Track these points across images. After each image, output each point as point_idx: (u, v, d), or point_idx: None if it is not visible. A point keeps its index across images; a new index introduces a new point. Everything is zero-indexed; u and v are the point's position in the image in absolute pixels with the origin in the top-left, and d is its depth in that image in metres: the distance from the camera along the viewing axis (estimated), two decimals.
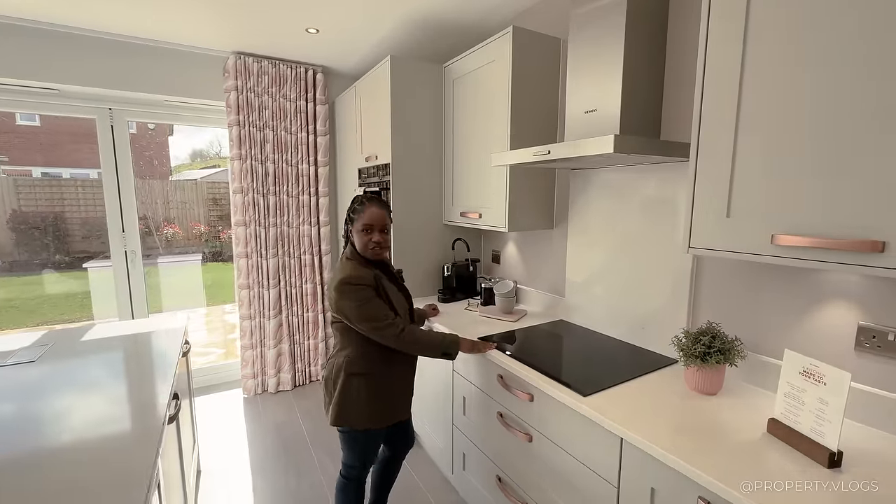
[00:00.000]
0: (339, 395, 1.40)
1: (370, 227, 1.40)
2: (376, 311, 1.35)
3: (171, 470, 1.32)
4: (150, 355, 1.55)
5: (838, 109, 0.86)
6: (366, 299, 1.35)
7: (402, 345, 1.38)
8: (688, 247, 1.15)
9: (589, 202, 1.80)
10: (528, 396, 1.39)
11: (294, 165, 2.86)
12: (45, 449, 0.96)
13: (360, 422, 1.42)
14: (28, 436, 1.01)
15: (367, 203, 1.42)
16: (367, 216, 1.40)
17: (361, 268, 1.39)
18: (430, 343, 1.43)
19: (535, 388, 1.36)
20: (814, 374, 0.94)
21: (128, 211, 2.71)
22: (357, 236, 1.41)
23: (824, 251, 0.89)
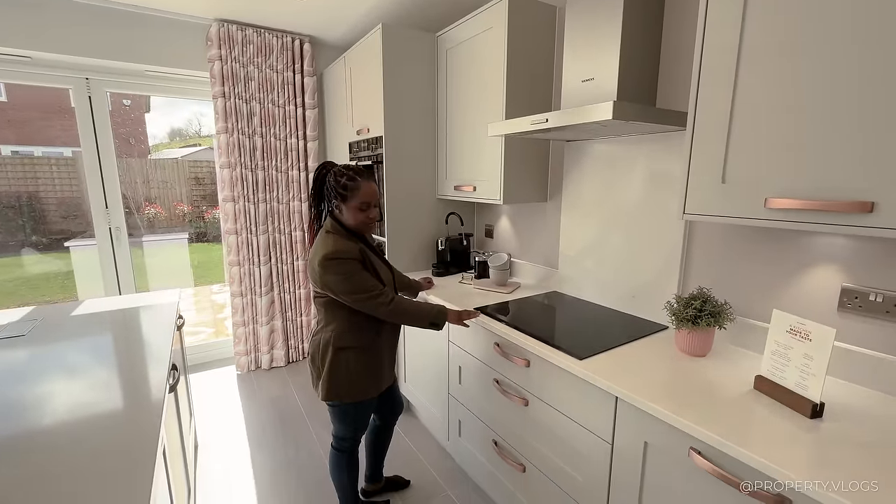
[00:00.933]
0: (329, 371, 1.40)
1: (368, 203, 1.38)
2: (364, 282, 1.34)
3: (173, 440, 1.33)
4: (146, 328, 1.53)
5: (834, 76, 0.88)
6: (351, 272, 1.33)
7: (390, 315, 1.37)
8: (682, 213, 1.17)
9: (583, 174, 1.81)
10: (525, 362, 1.42)
11: (282, 140, 2.79)
12: (47, 422, 0.95)
13: (352, 395, 1.44)
14: (30, 412, 1.00)
15: (361, 179, 1.37)
16: (365, 193, 1.37)
17: (345, 241, 1.36)
18: (419, 313, 1.42)
19: (532, 353, 1.39)
20: (800, 331, 0.99)
21: (111, 186, 2.63)
22: (351, 212, 1.37)
23: (815, 213, 0.92)
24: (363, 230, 1.42)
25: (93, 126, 2.53)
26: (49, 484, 0.76)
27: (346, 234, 1.39)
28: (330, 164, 1.43)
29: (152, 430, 0.91)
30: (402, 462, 2.02)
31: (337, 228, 1.39)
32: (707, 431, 0.90)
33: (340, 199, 1.37)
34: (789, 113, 0.95)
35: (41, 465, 0.80)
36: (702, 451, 0.93)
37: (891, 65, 0.81)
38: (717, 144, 1.08)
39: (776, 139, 0.97)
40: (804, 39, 0.92)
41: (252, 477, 1.93)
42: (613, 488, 1.16)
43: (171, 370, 1.24)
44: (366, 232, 1.44)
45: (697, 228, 1.44)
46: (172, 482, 1.13)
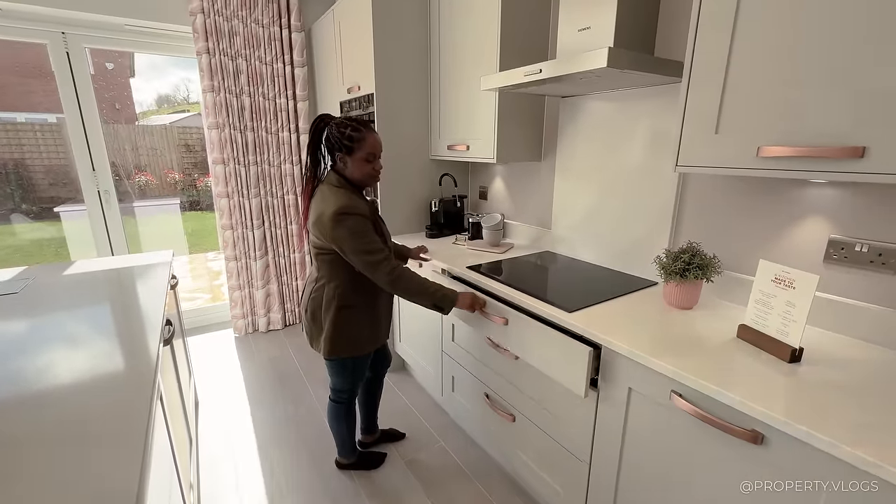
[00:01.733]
0: (332, 328, 1.41)
1: (374, 155, 1.35)
2: (373, 244, 1.30)
3: (172, 392, 1.36)
4: (138, 285, 1.53)
5: (831, 19, 0.85)
6: (363, 231, 1.30)
7: (391, 284, 1.32)
8: (675, 165, 1.16)
9: (578, 132, 1.78)
10: (505, 321, 1.44)
11: (271, 99, 2.71)
12: (45, 371, 0.97)
13: (351, 350, 1.46)
14: (25, 365, 1.01)
15: (366, 130, 1.33)
16: (371, 144, 1.33)
17: (356, 197, 1.34)
18: (423, 290, 1.35)
19: (523, 308, 1.41)
20: (784, 279, 1.00)
21: (97, 150, 2.56)
22: (357, 165, 1.34)
23: (807, 160, 0.91)
24: (369, 183, 1.39)
25: (74, 88, 2.43)
26: (51, 429, 0.78)
27: (355, 190, 1.37)
28: (328, 116, 1.38)
29: (148, 377, 0.92)
30: (399, 418, 2.09)
31: (343, 183, 1.35)
32: (688, 375, 0.93)
33: (346, 151, 1.32)
34: (786, 59, 0.92)
35: (40, 414, 0.82)
36: (683, 393, 0.96)
37: (886, 9, 0.78)
38: (713, 93, 1.06)
39: (771, 87, 0.95)
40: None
41: (252, 431, 2.00)
42: (598, 432, 1.21)
43: (165, 325, 1.25)
44: (371, 185, 1.42)
45: (690, 184, 1.44)
46: (173, 431, 1.17)
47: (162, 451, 1.00)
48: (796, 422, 0.76)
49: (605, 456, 1.20)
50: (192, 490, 1.38)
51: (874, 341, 1.07)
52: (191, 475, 1.44)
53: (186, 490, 1.30)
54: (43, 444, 0.72)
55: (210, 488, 1.66)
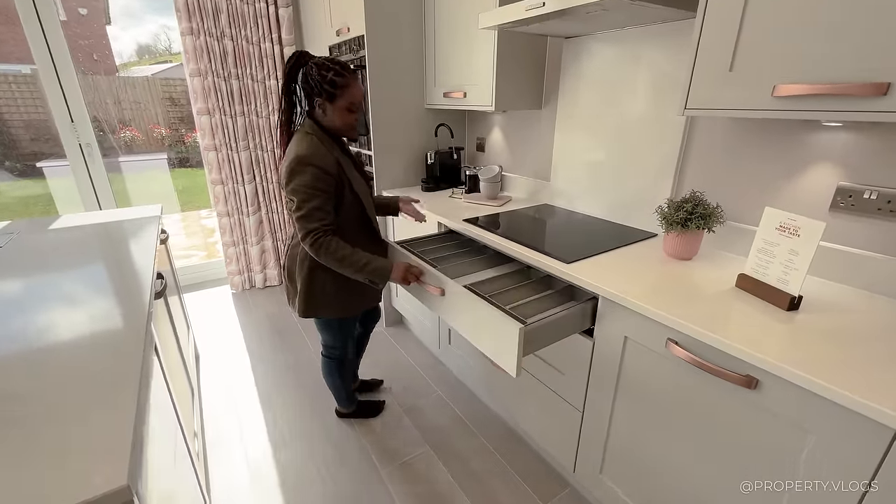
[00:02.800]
0: (305, 289, 1.35)
1: (357, 104, 1.24)
2: (309, 206, 1.18)
3: (168, 343, 1.37)
4: (127, 240, 1.50)
5: None
6: (314, 193, 1.17)
7: (316, 254, 1.21)
8: (684, 108, 1.09)
9: (581, 77, 1.69)
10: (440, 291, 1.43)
11: (255, 44, 2.54)
12: (34, 329, 0.95)
13: (330, 312, 1.42)
14: (14, 319, 0.99)
15: (350, 76, 1.21)
16: (355, 93, 1.22)
17: (325, 147, 1.22)
18: (351, 261, 1.22)
19: (521, 260, 1.39)
20: (789, 227, 0.97)
21: (74, 101, 2.42)
22: (339, 114, 1.23)
23: (825, 98, 0.85)
24: (350, 135, 1.30)
25: (43, 36, 2.25)
26: (48, 382, 0.77)
27: (327, 137, 1.27)
28: (306, 54, 1.25)
29: (140, 328, 0.91)
30: (397, 371, 2.14)
31: (317, 130, 1.25)
32: (684, 322, 0.92)
33: (327, 97, 1.21)
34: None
35: (36, 369, 0.81)
36: (679, 340, 0.96)
37: None
38: (730, 25, 0.97)
39: (793, 18, 0.88)
40: None
41: (254, 383, 2.04)
42: (592, 380, 1.23)
43: (156, 278, 1.23)
44: (352, 136, 1.31)
45: (696, 131, 1.37)
46: (172, 382, 1.18)
47: (161, 400, 1.01)
48: (789, 365, 0.76)
49: (598, 404, 1.23)
50: (196, 438, 1.42)
51: (878, 291, 1.06)
52: (194, 424, 1.48)
53: (190, 438, 1.34)
54: (41, 397, 0.71)
55: (215, 437, 1.72)
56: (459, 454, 1.63)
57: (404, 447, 1.67)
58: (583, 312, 1.17)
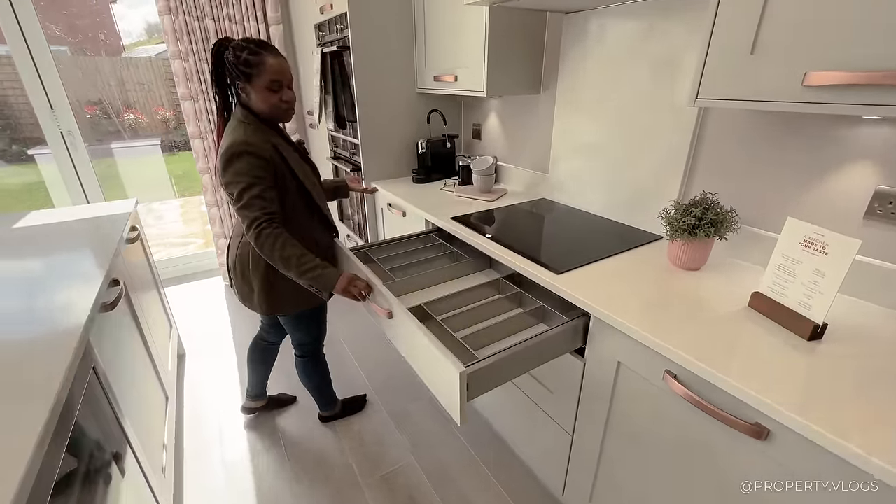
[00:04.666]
0: (264, 285, 1.26)
1: (279, 82, 1.13)
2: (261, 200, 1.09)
3: (131, 355, 1.28)
4: (88, 242, 1.40)
5: None
6: (246, 175, 1.08)
7: (259, 248, 1.12)
8: (695, 97, 0.93)
9: (583, 57, 1.51)
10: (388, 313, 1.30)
11: (238, 23, 2.39)
12: None
13: (297, 305, 1.33)
14: None
15: (266, 52, 1.10)
16: (272, 69, 1.10)
17: (258, 133, 1.13)
18: (293, 263, 1.11)
19: (509, 266, 1.26)
20: (816, 243, 0.82)
21: (52, 86, 2.31)
22: (260, 95, 1.12)
23: (866, 90, 0.69)
24: (279, 116, 1.18)
25: (13, 13, 2.13)
26: None
27: (259, 123, 1.16)
28: (227, 39, 1.14)
29: (66, 353, 0.81)
30: (385, 371, 2.05)
31: (249, 117, 1.15)
32: (683, 353, 0.79)
33: (245, 78, 1.11)
34: None
35: None
36: (678, 374, 0.83)
37: None
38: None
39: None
40: None
41: (238, 383, 1.98)
42: (583, 404, 1.11)
43: (109, 286, 1.14)
44: (283, 119, 1.20)
45: (710, 122, 1.20)
46: (125, 398, 1.10)
47: (103, 421, 0.93)
48: (807, 419, 0.63)
49: (588, 432, 1.11)
50: (164, 450, 1.35)
51: None
52: (164, 435, 1.41)
53: (157, 450, 1.27)
54: None
55: (194, 443, 1.66)
56: (445, 467, 1.55)
57: (388, 456, 1.59)
58: (574, 330, 1.05)
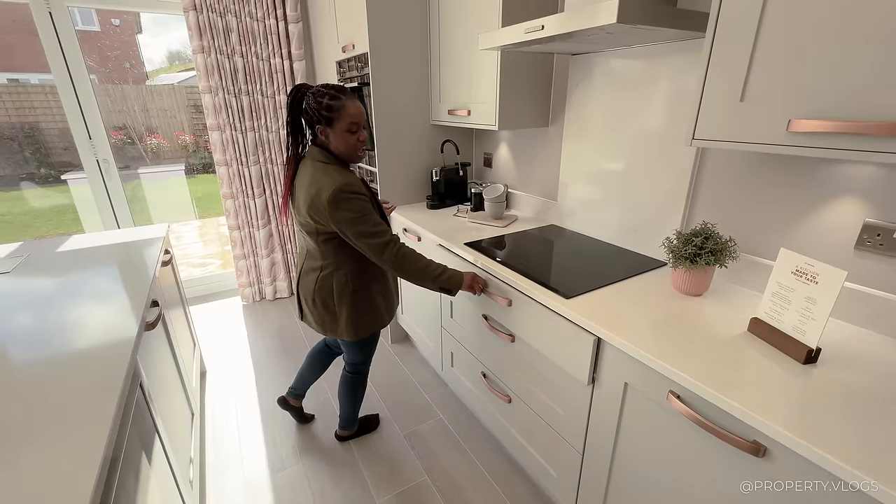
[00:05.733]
0: (352, 314, 1.39)
1: (357, 125, 1.24)
2: (377, 226, 1.24)
3: (164, 372, 1.37)
4: (129, 265, 1.51)
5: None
6: (364, 212, 1.22)
7: (396, 267, 1.27)
8: (692, 138, 1.02)
9: (589, 94, 1.62)
10: (508, 301, 1.38)
11: (265, 60, 2.56)
12: (20, 361, 0.96)
13: (373, 327, 1.47)
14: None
15: (345, 97, 1.22)
16: (352, 112, 1.22)
17: (349, 174, 1.25)
18: (427, 272, 1.31)
19: (519, 291, 1.33)
20: (807, 272, 0.89)
21: (91, 117, 2.49)
22: (340, 137, 1.23)
23: (845, 137, 0.77)
24: (355, 156, 1.30)
25: (60, 48, 2.33)
26: (17, 422, 0.76)
27: (341, 164, 1.28)
28: (305, 85, 1.27)
29: (121, 366, 0.90)
30: (400, 389, 2.10)
31: (330, 158, 1.26)
32: (686, 375, 0.85)
33: (326, 122, 1.22)
34: (830, 14, 0.76)
35: (8, 397, 0.81)
36: (680, 394, 0.89)
37: None
38: (741, 52, 0.90)
39: (811, 47, 0.80)
40: None
41: (257, 400, 2.05)
42: (592, 424, 1.17)
43: (149, 306, 1.23)
44: (358, 159, 1.31)
45: (708, 158, 1.29)
46: (160, 412, 1.17)
47: (146, 435, 1.00)
48: (801, 437, 0.69)
49: (598, 449, 1.16)
50: (191, 464, 1.42)
51: None
52: (191, 450, 1.48)
53: (185, 465, 1.33)
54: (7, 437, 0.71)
55: (215, 459, 1.72)
56: (458, 485, 1.58)
57: (402, 475, 1.63)
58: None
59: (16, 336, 1.04)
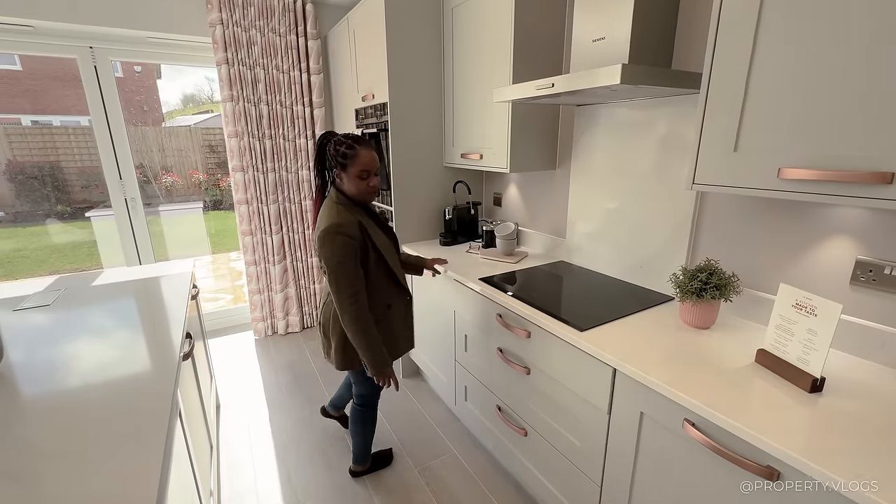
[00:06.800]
0: (340, 344, 1.47)
1: (368, 171, 1.38)
2: (348, 277, 1.33)
3: (192, 402, 1.41)
4: (161, 298, 1.59)
5: (861, 34, 0.80)
6: (344, 259, 1.31)
7: (348, 325, 1.36)
8: (692, 183, 1.12)
9: (593, 141, 1.75)
10: (526, 333, 1.44)
11: (288, 107, 2.75)
12: (72, 388, 1.02)
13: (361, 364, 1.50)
14: (52, 376, 1.07)
15: (360, 147, 1.37)
16: (364, 161, 1.36)
17: (347, 213, 1.36)
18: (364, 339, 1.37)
19: (534, 324, 1.40)
20: (806, 306, 0.96)
21: (123, 158, 2.66)
22: (352, 182, 1.38)
23: (831, 184, 0.87)
24: (366, 199, 1.43)
25: (100, 96, 2.52)
26: (73, 440, 0.82)
27: (350, 203, 1.41)
28: (331, 133, 1.43)
29: (167, 395, 0.96)
30: (412, 424, 2.11)
31: (341, 199, 1.40)
32: (700, 403, 0.90)
33: (341, 167, 1.38)
34: (810, 75, 0.88)
35: (66, 423, 0.87)
36: (695, 422, 0.94)
37: None
38: (732, 108, 1.02)
39: (794, 104, 0.91)
40: (824, 10, 0.84)
41: (271, 435, 2.06)
42: (609, 454, 1.20)
43: (185, 338, 1.30)
44: (368, 200, 1.45)
45: (709, 198, 1.39)
46: (191, 441, 1.21)
47: (181, 464, 1.04)
48: (813, 461, 0.74)
49: (617, 480, 1.18)
50: (211, 497, 1.43)
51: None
52: (210, 482, 1.50)
53: (206, 497, 1.35)
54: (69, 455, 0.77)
55: (230, 492, 1.72)
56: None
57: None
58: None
59: (62, 364, 1.11)
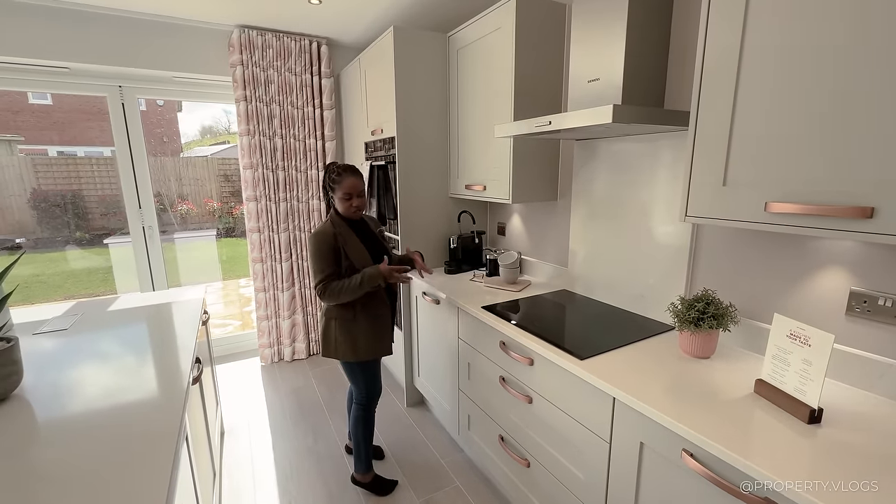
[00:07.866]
0: (322, 334, 1.73)
1: (350, 194, 1.63)
2: (317, 263, 1.61)
3: (198, 428, 1.44)
4: (173, 324, 1.64)
5: (836, 79, 0.86)
6: (316, 252, 1.60)
7: (324, 298, 1.62)
8: (685, 215, 1.17)
9: (593, 173, 1.81)
10: (528, 361, 1.46)
11: (301, 140, 2.88)
12: (85, 411, 1.06)
13: (341, 355, 1.71)
14: (68, 399, 1.11)
15: (345, 174, 1.63)
16: (347, 185, 1.62)
17: (328, 224, 1.65)
18: (352, 286, 1.60)
19: (535, 353, 1.42)
20: (800, 336, 0.98)
21: (143, 188, 2.78)
22: (340, 202, 1.65)
23: (815, 218, 0.91)
24: (350, 216, 1.68)
25: (126, 129, 2.67)
26: (83, 463, 0.85)
27: (339, 220, 1.67)
28: (333, 163, 1.69)
29: (175, 420, 0.99)
30: (415, 453, 2.09)
31: (332, 215, 1.69)
32: (698, 434, 0.91)
33: (332, 190, 1.66)
34: (791, 115, 0.94)
35: (78, 446, 0.90)
36: (694, 453, 0.94)
37: (894, 70, 0.79)
38: (719, 146, 1.07)
39: (777, 142, 0.96)
40: (805, 42, 0.90)
41: (273, 463, 2.05)
42: (611, 485, 1.19)
43: (194, 363, 1.34)
44: (353, 218, 1.69)
45: (705, 230, 1.43)
46: (196, 467, 1.23)
47: (185, 491, 1.06)
48: (811, 493, 0.74)
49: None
50: None
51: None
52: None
53: None
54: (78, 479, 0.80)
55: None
56: None
57: None
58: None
59: (77, 388, 1.15)
